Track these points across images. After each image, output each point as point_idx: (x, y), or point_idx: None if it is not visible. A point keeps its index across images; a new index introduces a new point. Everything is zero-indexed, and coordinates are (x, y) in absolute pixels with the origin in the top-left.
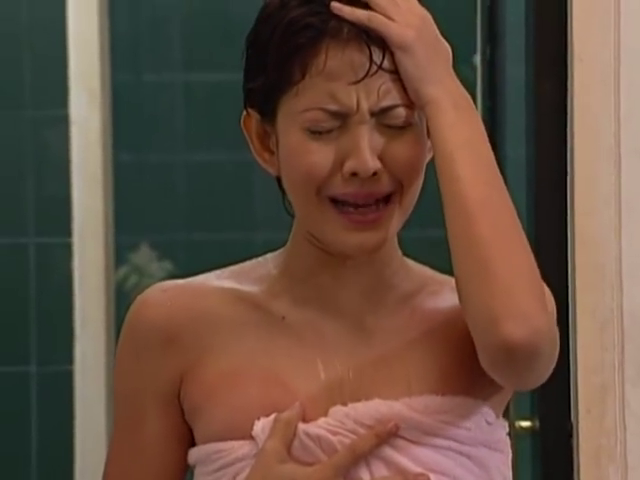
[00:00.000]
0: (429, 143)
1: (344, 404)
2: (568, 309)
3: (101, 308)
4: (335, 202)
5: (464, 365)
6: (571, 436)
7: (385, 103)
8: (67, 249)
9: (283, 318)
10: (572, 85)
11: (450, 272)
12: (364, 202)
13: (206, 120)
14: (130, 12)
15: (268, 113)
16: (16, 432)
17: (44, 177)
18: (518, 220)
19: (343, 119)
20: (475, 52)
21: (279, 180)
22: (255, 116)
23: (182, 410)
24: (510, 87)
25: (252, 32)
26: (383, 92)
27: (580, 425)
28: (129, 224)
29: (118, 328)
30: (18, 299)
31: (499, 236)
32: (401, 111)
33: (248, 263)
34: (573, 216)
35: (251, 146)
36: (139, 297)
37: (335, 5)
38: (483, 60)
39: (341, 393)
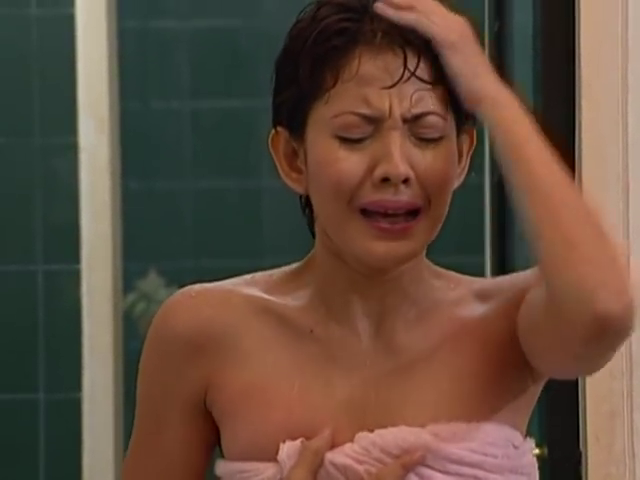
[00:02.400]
0: (459, 169)
1: (370, 429)
2: None
3: (109, 335)
4: (364, 214)
5: (491, 387)
6: (580, 464)
7: (418, 110)
8: (75, 276)
9: (311, 331)
10: (580, 111)
11: None
12: (393, 212)
13: (214, 147)
14: (138, 40)
15: (297, 126)
16: (24, 459)
17: (53, 204)
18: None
19: (375, 125)
20: None
21: (306, 200)
22: (283, 134)
23: (209, 415)
24: None
25: (283, 48)
26: (416, 99)
27: (589, 453)
28: (137, 251)
29: (126, 355)
30: (26, 326)
31: (582, 214)
32: (434, 120)
33: (277, 272)
34: None
35: (278, 166)
36: (167, 301)
37: (379, 5)
38: None
39: (367, 415)
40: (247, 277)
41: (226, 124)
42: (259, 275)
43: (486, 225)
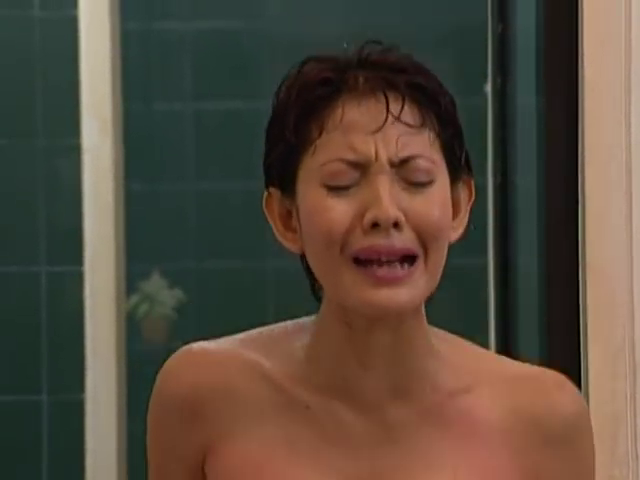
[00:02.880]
0: (457, 221)
1: None
2: (579, 338)
3: (112, 336)
4: (358, 263)
5: (488, 477)
6: None
7: (404, 154)
8: (78, 278)
9: (307, 407)
10: (583, 115)
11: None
12: (387, 258)
13: (217, 149)
14: (141, 41)
15: (288, 183)
16: (27, 461)
17: (56, 206)
18: None
19: (361, 171)
20: (486, 81)
21: (304, 260)
22: (276, 194)
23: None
24: (521, 116)
25: (272, 109)
26: (402, 143)
27: None
28: (140, 252)
29: (129, 356)
30: (30, 327)
31: None
32: (422, 163)
33: (277, 330)
34: (584, 246)
35: (274, 227)
36: (168, 362)
37: None
38: (494, 89)
39: None
40: (247, 336)
41: (229, 126)
42: (260, 333)
43: (489, 226)
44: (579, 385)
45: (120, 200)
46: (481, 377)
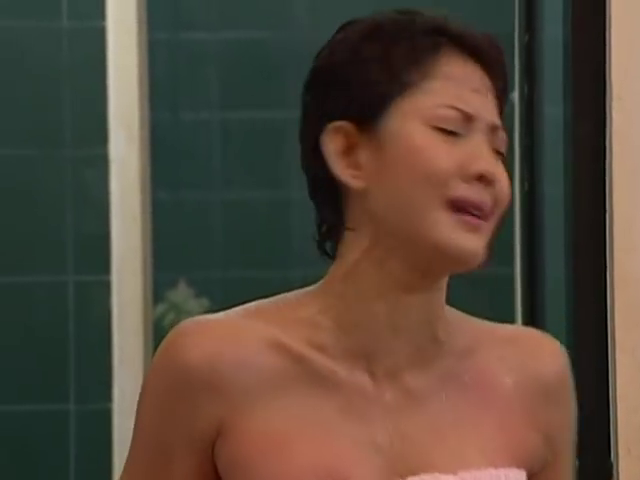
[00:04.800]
0: None
1: (402, 476)
2: (607, 348)
3: (139, 345)
4: (450, 207)
5: (509, 434)
6: (611, 476)
7: (497, 121)
8: (106, 287)
9: (328, 377)
10: (611, 123)
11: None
12: (478, 212)
13: (243, 158)
14: (168, 51)
15: (371, 120)
16: (54, 470)
17: (83, 215)
18: None
19: (467, 124)
20: (513, 90)
21: (333, 209)
22: (346, 128)
23: (214, 461)
24: (548, 125)
25: (355, 47)
26: (495, 111)
27: (620, 465)
28: (167, 262)
29: None
30: (57, 336)
31: None
32: (503, 135)
33: (289, 299)
34: (612, 254)
35: (331, 164)
36: (178, 332)
37: None
38: (521, 98)
39: (394, 463)
40: (251, 308)
41: (255, 135)
42: (264, 305)
43: (516, 235)
44: (607, 394)
45: (147, 209)
46: (478, 338)
